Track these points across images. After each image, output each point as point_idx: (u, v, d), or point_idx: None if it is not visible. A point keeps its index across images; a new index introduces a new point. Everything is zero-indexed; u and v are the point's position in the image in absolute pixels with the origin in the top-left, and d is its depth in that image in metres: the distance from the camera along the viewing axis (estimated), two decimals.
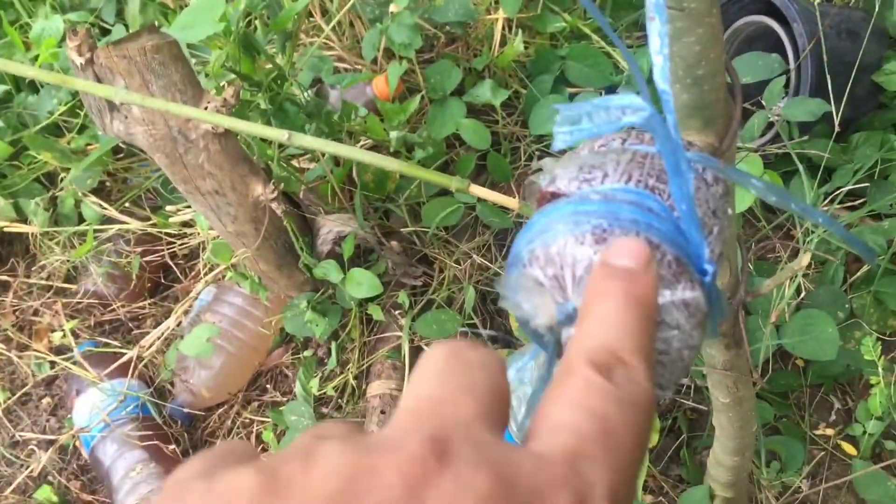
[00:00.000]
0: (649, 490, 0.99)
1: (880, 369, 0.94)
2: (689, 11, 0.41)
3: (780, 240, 1.15)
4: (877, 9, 1.21)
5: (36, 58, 1.33)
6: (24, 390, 1.27)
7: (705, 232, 0.33)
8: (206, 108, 0.83)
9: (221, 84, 0.91)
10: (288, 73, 0.95)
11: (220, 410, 1.20)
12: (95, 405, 1.15)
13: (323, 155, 1.14)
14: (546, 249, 0.32)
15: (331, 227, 1.04)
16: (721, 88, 0.46)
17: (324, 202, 1.12)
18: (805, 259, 0.54)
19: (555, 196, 0.34)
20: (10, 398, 1.26)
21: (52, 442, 1.19)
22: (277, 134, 0.57)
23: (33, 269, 1.36)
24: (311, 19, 1.33)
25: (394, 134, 1.16)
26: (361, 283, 1.01)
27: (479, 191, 0.58)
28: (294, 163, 1.20)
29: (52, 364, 1.27)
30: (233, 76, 0.89)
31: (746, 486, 0.89)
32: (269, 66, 0.93)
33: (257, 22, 0.98)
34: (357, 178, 1.13)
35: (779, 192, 0.36)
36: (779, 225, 1.16)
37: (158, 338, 1.20)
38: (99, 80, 0.79)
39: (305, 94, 1.02)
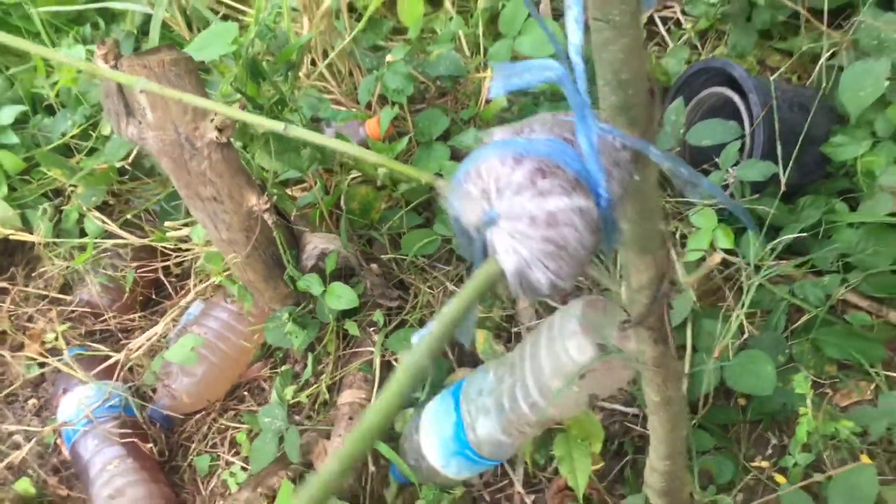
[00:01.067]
0: None
1: (808, 401, 1.03)
2: (613, 23, 0.51)
3: (729, 289, 1.25)
4: (828, 88, 1.33)
5: (55, 84, 1.44)
6: (10, 388, 1.34)
7: (605, 174, 0.42)
8: (212, 120, 0.93)
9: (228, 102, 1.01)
10: (288, 98, 1.05)
11: (198, 416, 1.27)
12: (81, 402, 1.22)
13: (315, 184, 1.25)
14: (477, 168, 0.41)
15: (316, 243, 1.13)
16: (643, 93, 0.55)
17: (312, 228, 1.21)
18: (716, 258, 0.64)
19: None
20: None
21: (34, 437, 1.25)
22: (276, 125, 0.66)
23: (31, 277, 1.45)
24: (313, 66, 1.45)
25: (381, 170, 1.26)
26: (341, 297, 1.10)
27: (442, 183, 0.68)
28: (287, 192, 1.29)
29: (42, 364, 1.34)
30: (238, 97, 1.00)
31: (680, 498, 0.96)
32: (272, 91, 1.04)
33: (263, 54, 1.09)
34: (344, 206, 1.22)
35: (672, 160, 0.46)
36: (728, 276, 1.26)
37: (147, 340, 1.27)
38: (119, 86, 0.89)
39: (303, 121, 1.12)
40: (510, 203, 0.40)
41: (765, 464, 1.12)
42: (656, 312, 0.70)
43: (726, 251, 1.26)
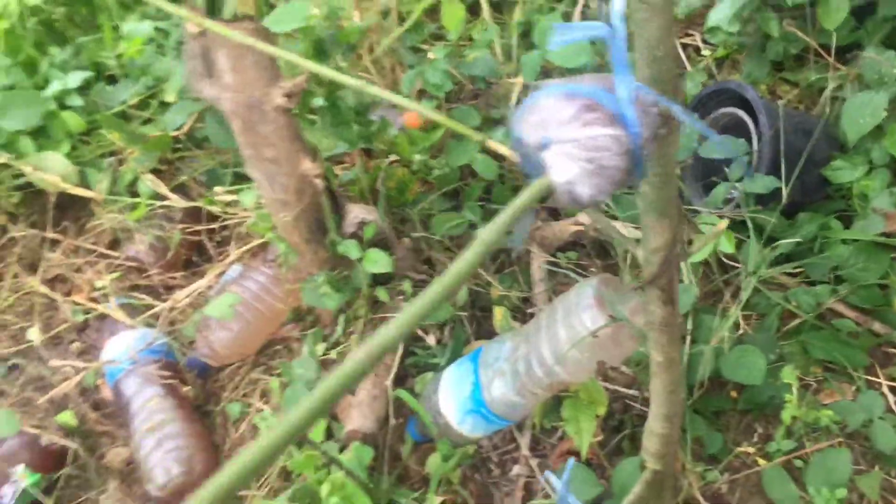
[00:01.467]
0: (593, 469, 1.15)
1: (794, 390, 1.13)
2: (651, 5, 0.62)
3: (727, 289, 1.35)
4: (831, 117, 1.45)
5: (119, 56, 1.56)
6: (56, 330, 1.44)
7: (639, 121, 0.53)
8: (280, 86, 1.05)
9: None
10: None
11: (231, 369, 1.37)
12: (126, 344, 1.32)
13: (357, 162, 1.36)
14: (536, 104, 0.52)
15: (357, 213, 1.24)
16: (672, 69, 0.66)
17: (352, 201, 1.32)
18: (722, 224, 0.75)
19: None
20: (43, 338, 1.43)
21: (80, 372, 1.35)
22: (355, 82, 0.77)
23: (82, 232, 1.55)
24: (360, 61, 1.56)
25: (417, 156, 1.37)
26: (377, 261, 1.21)
27: (494, 145, 0.79)
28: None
29: (87, 311, 1.44)
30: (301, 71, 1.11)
31: (673, 465, 1.06)
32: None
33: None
34: (382, 186, 1.34)
35: (688, 115, 0.57)
36: (728, 280, 1.37)
37: (191, 293, 1.38)
38: (204, 49, 1.01)
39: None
40: (561, 131, 0.51)
41: (750, 449, 1.22)
42: (668, 274, 0.80)
43: (727, 256, 1.37)
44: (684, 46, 1.74)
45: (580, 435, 1.08)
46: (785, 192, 1.32)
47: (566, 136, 0.50)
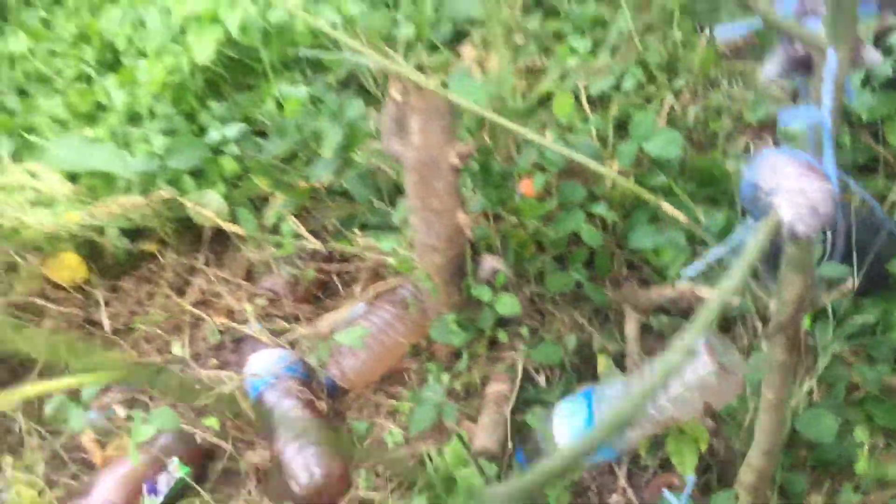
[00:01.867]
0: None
1: (866, 447, 1.31)
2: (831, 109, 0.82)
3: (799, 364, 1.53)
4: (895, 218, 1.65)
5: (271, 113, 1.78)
6: (197, 348, 1.62)
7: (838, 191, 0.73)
8: (454, 149, 1.26)
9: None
10: (494, 149, 1.38)
11: (355, 393, 1.54)
12: (268, 362, 1.50)
13: (486, 221, 1.57)
14: (769, 160, 0.72)
15: (491, 262, 1.44)
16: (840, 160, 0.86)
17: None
18: (848, 284, 0.94)
19: None
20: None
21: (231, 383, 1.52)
22: (568, 150, 0.98)
23: (220, 264, 1.75)
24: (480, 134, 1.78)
25: (532, 222, 1.58)
26: (507, 304, 1.40)
27: (668, 208, 0.99)
28: None
29: (222, 332, 1.62)
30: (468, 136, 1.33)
31: (764, 500, 1.23)
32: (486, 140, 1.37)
33: None
34: (507, 243, 1.53)
35: (862, 192, 0.76)
36: None
37: (328, 323, 1.56)
38: (401, 113, 1.22)
39: None
40: (788, 182, 0.70)
41: (819, 499, 1.38)
42: (796, 323, 0.99)
43: None
44: None
45: (684, 465, 1.24)
46: (856, 280, 1.51)
47: (794, 186, 0.70)
